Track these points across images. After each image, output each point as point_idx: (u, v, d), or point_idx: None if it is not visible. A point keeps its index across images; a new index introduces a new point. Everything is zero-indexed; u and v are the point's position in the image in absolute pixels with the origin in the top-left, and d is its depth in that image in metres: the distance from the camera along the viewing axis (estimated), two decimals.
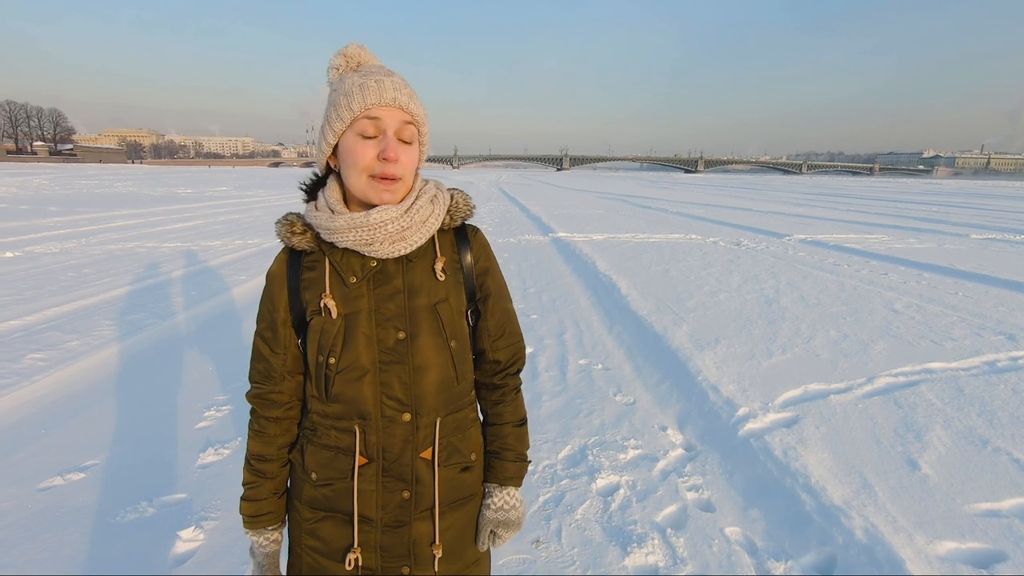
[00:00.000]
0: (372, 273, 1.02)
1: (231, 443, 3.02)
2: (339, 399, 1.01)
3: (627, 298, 5.88)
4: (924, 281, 7.02)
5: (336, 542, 1.05)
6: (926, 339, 4.57)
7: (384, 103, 0.96)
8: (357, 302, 1.02)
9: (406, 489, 1.04)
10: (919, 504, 2.38)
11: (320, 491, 1.05)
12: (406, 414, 1.03)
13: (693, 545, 2.28)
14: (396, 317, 1.02)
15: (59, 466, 2.76)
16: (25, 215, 13.16)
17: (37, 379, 3.72)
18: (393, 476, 1.04)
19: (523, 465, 1.20)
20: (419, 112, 1.01)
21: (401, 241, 1.00)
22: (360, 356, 1.00)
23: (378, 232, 0.97)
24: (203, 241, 9.79)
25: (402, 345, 1.02)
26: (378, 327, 1.01)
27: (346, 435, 1.03)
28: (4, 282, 6.34)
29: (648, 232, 11.79)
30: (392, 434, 1.02)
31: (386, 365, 1.01)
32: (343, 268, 1.02)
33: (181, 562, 2.15)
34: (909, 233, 12.52)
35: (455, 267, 1.10)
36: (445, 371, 1.06)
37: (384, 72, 1.00)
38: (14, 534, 2.27)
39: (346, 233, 0.98)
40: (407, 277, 1.04)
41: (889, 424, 3.08)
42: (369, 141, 0.97)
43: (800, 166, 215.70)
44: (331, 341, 1.00)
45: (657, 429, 3.28)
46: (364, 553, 1.04)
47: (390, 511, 1.04)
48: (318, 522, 1.07)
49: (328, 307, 1.00)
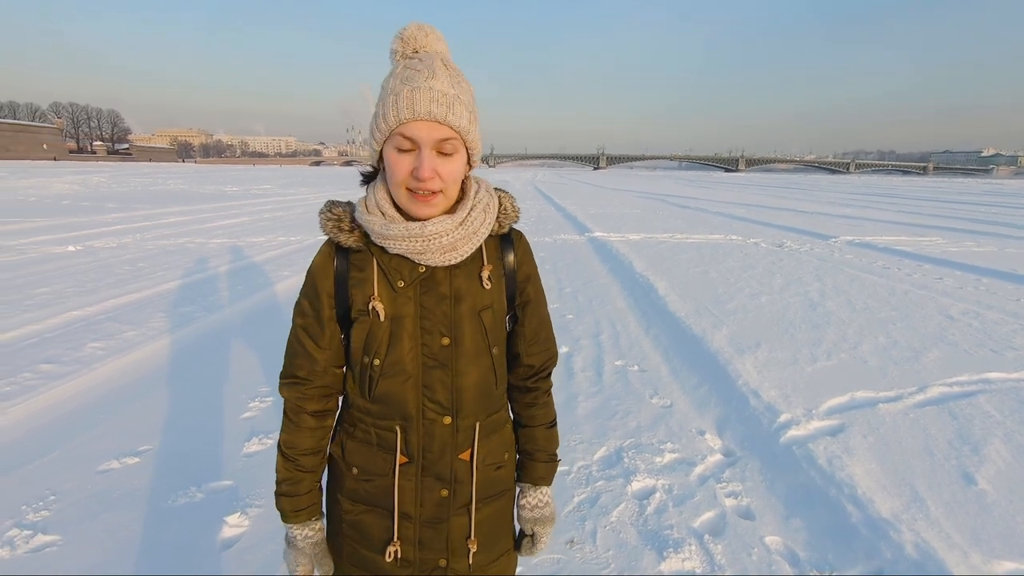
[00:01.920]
0: (420, 279, 1.02)
1: (274, 434, 3.12)
2: (382, 400, 1.03)
3: (665, 299, 5.79)
4: (983, 286, 6.66)
5: (376, 534, 1.08)
6: (984, 347, 4.34)
7: (417, 117, 0.90)
8: (404, 306, 1.02)
9: (445, 488, 1.07)
10: (975, 521, 2.26)
11: (361, 485, 1.08)
12: (447, 417, 1.04)
13: (731, 552, 2.23)
14: (442, 323, 1.02)
15: (116, 450, 2.91)
16: (86, 211, 13.89)
17: (96, 367, 3.93)
18: (432, 476, 1.06)
19: (554, 465, 1.24)
20: (459, 122, 0.93)
21: (452, 251, 0.99)
22: (404, 359, 1.01)
23: (432, 243, 0.96)
24: (248, 237, 10.13)
25: (446, 351, 1.03)
26: (423, 332, 1.02)
27: (388, 434, 1.05)
28: (68, 274, 6.72)
29: (687, 232, 11.57)
30: (433, 436, 1.04)
31: (430, 369, 1.02)
32: (391, 272, 1.01)
33: (228, 547, 2.23)
34: (966, 236, 11.90)
35: (499, 274, 1.10)
36: (486, 376, 1.07)
37: (427, 74, 0.91)
38: (75, 513, 2.40)
39: (399, 241, 0.96)
40: (454, 284, 1.04)
41: (943, 436, 2.94)
42: (405, 155, 0.93)
43: (847, 165, 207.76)
44: (377, 343, 1.01)
45: (695, 433, 3.22)
46: (403, 546, 1.07)
47: (429, 508, 1.07)
48: (359, 515, 1.09)
49: (376, 310, 1.00)
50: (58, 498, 2.50)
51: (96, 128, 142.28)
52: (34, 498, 2.49)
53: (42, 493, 2.53)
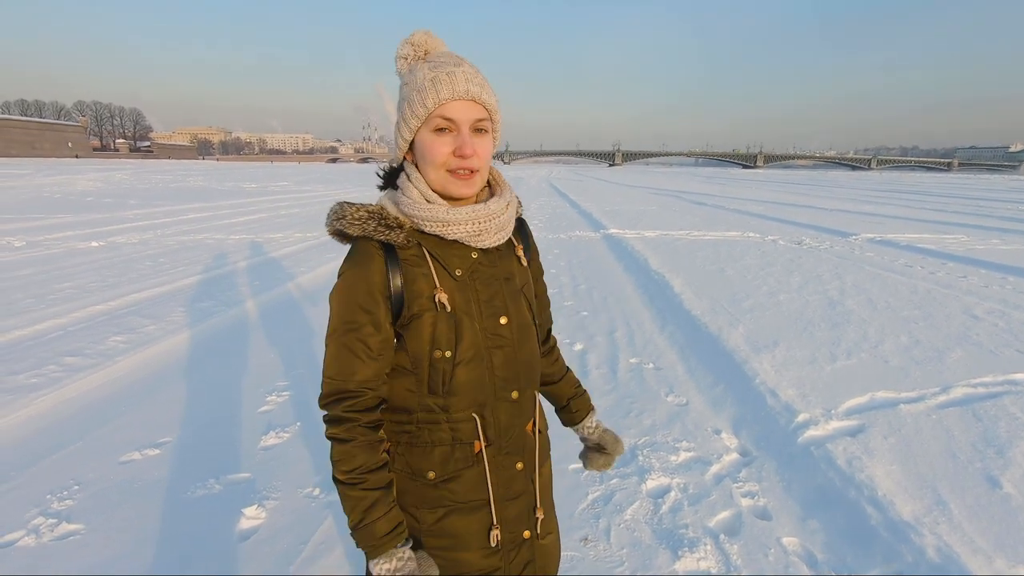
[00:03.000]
0: (475, 264, 1.05)
1: (291, 427, 3.16)
2: (458, 391, 1.02)
3: (680, 297, 5.74)
4: (1009, 285, 6.50)
5: (465, 533, 1.07)
6: (1011, 348, 4.23)
7: (457, 96, 0.95)
8: (465, 293, 1.04)
9: (519, 461, 1.12)
10: (1000, 525, 2.21)
11: (443, 488, 1.05)
12: (514, 392, 1.09)
13: (748, 553, 2.21)
14: (499, 303, 1.07)
15: (137, 442, 2.96)
16: (109, 208, 14.18)
17: (119, 360, 4.01)
18: (508, 452, 1.10)
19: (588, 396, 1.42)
20: (491, 101, 1.00)
21: (502, 231, 1.06)
22: (473, 345, 1.03)
23: (491, 223, 1.02)
24: (266, 234, 10.26)
25: (506, 329, 1.07)
26: (485, 315, 1.05)
27: (465, 424, 1.04)
28: (91, 269, 6.87)
29: (703, 230, 11.45)
30: (505, 413, 1.08)
31: (495, 349, 1.06)
32: (447, 261, 1.02)
33: (245, 538, 2.26)
34: (992, 233, 11.61)
35: (526, 253, 1.19)
36: (534, 348, 1.15)
37: (454, 61, 0.98)
38: (99, 503, 2.46)
39: (461, 225, 0.99)
40: (502, 265, 1.10)
41: (966, 438, 2.88)
42: (445, 136, 0.97)
43: (869, 161, 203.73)
44: (446, 335, 1.01)
45: (711, 432, 3.19)
46: (502, 528, 1.09)
47: (510, 485, 1.11)
48: (440, 521, 1.06)
49: (442, 302, 1.00)
50: (82, 487, 2.56)
51: (119, 126, 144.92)
52: (59, 487, 2.55)
53: (66, 483, 2.59)
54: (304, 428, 3.15)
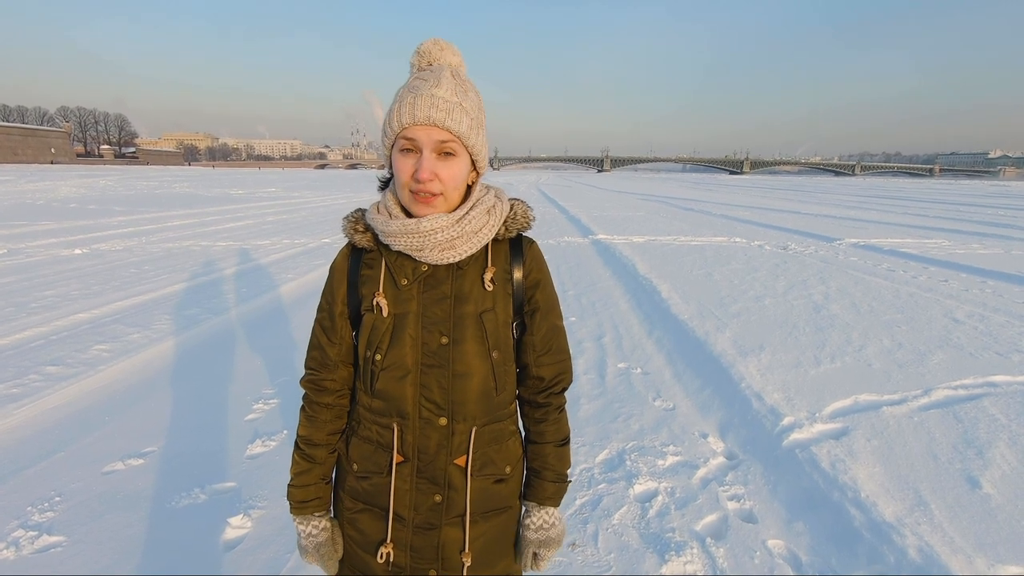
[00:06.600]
0: (423, 277, 1.05)
1: (278, 435, 3.13)
2: (381, 395, 1.06)
3: (668, 302, 5.79)
4: (988, 289, 6.63)
5: (372, 535, 1.10)
6: (990, 350, 4.32)
7: (417, 123, 0.96)
8: (407, 304, 1.05)
9: (438, 493, 1.06)
10: (980, 525, 2.25)
11: (360, 483, 1.11)
12: (442, 418, 1.05)
13: (734, 556, 2.23)
14: (441, 322, 1.04)
15: (120, 452, 2.92)
16: (92, 214, 13.99)
17: (102, 369, 3.96)
18: (427, 478, 1.06)
19: (563, 486, 1.20)
20: (459, 127, 0.97)
21: (450, 249, 1.02)
22: (404, 356, 1.04)
23: (427, 239, 1.00)
24: (253, 240, 10.18)
25: (444, 350, 1.04)
26: (424, 330, 1.04)
27: (386, 431, 1.07)
28: (75, 277, 6.77)
29: (690, 235, 11.55)
30: (428, 436, 1.05)
31: (428, 368, 1.04)
32: (396, 269, 1.06)
33: (231, 548, 2.24)
34: (972, 238, 11.83)
35: (505, 278, 1.10)
36: (485, 380, 1.06)
37: (434, 81, 0.97)
38: (81, 514, 2.42)
39: (398, 237, 1.01)
40: (456, 284, 1.06)
41: (947, 439, 2.93)
42: (409, 157, 0.99)
43: (853, 167, 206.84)
44: (379, 338, 1.04)
45: (697, 436, 3.22)
46: (396, 550, 1.08)
47: (422, 512, 1.07)
48: (357, 513, 1.12)
49: (380, 305, 1.04)
50: (63, 499, 2.52)
51: (103, 132, 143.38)
52: (39, 499, 2.51)
53: (47, 494, 2.55)
54: (291, 436, 3.12)
